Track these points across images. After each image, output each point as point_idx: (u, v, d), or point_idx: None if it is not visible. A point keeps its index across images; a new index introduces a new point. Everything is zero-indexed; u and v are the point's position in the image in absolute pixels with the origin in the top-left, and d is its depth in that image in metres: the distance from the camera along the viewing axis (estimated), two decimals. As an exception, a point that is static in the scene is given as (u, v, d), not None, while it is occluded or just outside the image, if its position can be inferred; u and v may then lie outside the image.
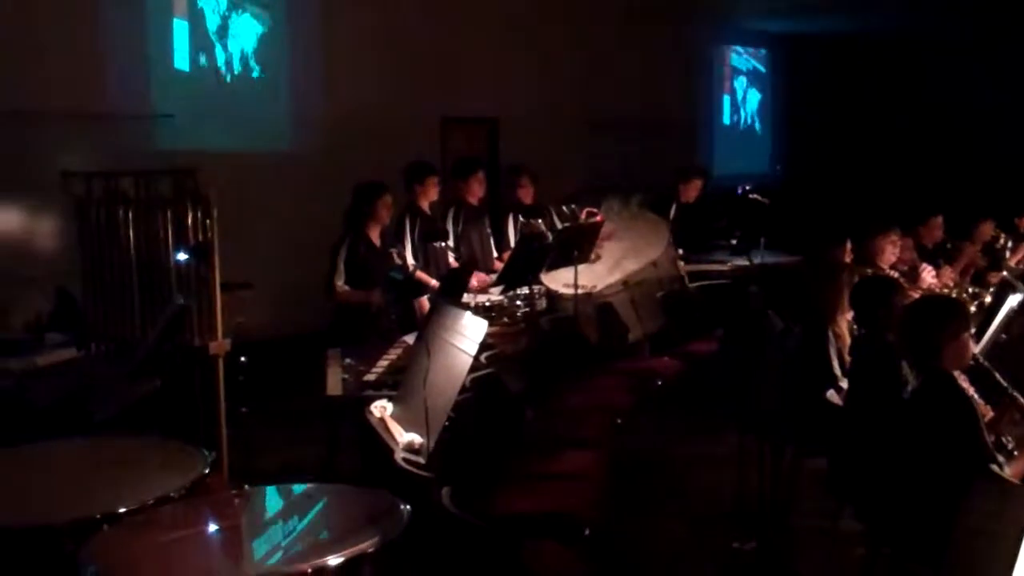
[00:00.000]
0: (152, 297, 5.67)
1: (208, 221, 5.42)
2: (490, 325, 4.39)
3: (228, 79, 10.19)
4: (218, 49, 10.09)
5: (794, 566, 4.95)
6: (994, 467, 3.83)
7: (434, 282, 6.81)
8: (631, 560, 5.33)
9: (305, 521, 3.38)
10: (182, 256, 5.46)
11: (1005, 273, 7.32)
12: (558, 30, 13.46)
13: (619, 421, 5.74)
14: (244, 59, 10.34)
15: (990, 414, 4.38)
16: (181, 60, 9.72)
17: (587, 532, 4.21)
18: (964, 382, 4.33)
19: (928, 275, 7.01)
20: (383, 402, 4.39)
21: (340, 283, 6.31)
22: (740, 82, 19.12)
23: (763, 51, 19.56)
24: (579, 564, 4.17)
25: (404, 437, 4.02)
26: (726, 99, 18.65)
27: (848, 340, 5.37)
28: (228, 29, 10.19)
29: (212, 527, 3.23)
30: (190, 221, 5.48)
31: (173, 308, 5.16)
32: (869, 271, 6.26)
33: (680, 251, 8.51)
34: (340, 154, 9.96)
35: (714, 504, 5.88)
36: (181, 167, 5.83)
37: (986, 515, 3.01)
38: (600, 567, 4.80)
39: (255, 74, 10.43)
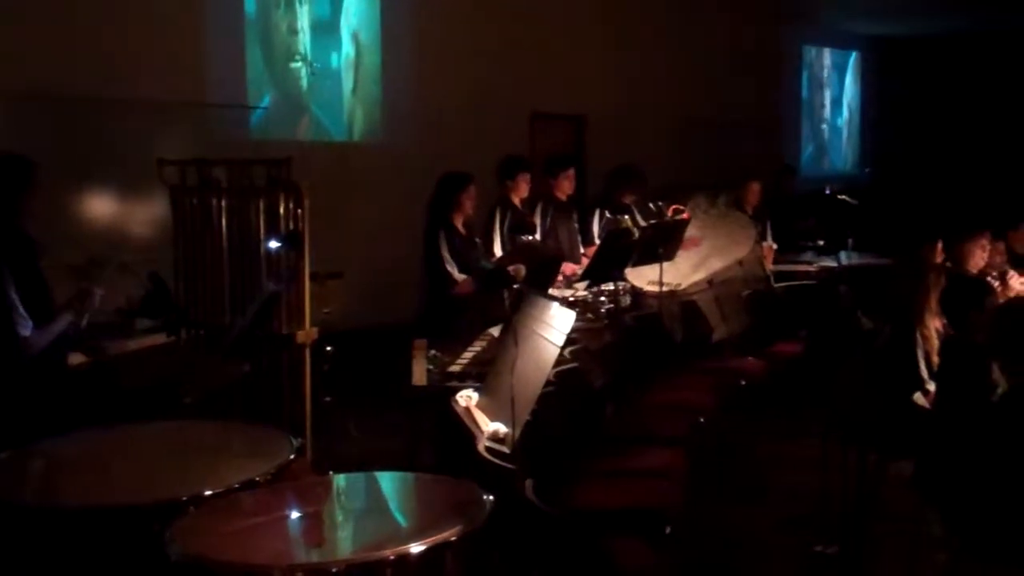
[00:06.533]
0: (243, 285, 5.72)
1: (300, 211, 5.48)
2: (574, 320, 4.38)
3: (321, 70, 10.27)
4: (313, 40, 10.19)
5: (876, 570, 4.88)
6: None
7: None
8: (711, 559, 5.30)
9: (388, 508, 3.42)
10: (273, 245, 5.52)
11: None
12: (647, 28, 13.50)
13: (701, 420, 5.73)
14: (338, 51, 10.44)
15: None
16: (276, 50, 9.82)
17: (668, 529, 4.20)
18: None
19: (1017, 282, 6.86)
20: (469, 391, 4.40)
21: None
22: (829, 83, 18.90)
23: (853, 52, 19.33)
24: (659, 561, 4.16)
25: (489, 426, 4.02)
26: (814, 100, 18.45)
27: (936, 343, 5.29)
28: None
29: (296, 512, 3.23)
30: (282, 210, 5.54)
31: (266, 293, 5.21)
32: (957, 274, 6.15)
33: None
34: (430, 146, 10.00)
35: (796, 506, 5.83)
36: (274, 156, 5.88)
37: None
38: (680, 565, 4.79)
39: (348, 65, 10.52)
